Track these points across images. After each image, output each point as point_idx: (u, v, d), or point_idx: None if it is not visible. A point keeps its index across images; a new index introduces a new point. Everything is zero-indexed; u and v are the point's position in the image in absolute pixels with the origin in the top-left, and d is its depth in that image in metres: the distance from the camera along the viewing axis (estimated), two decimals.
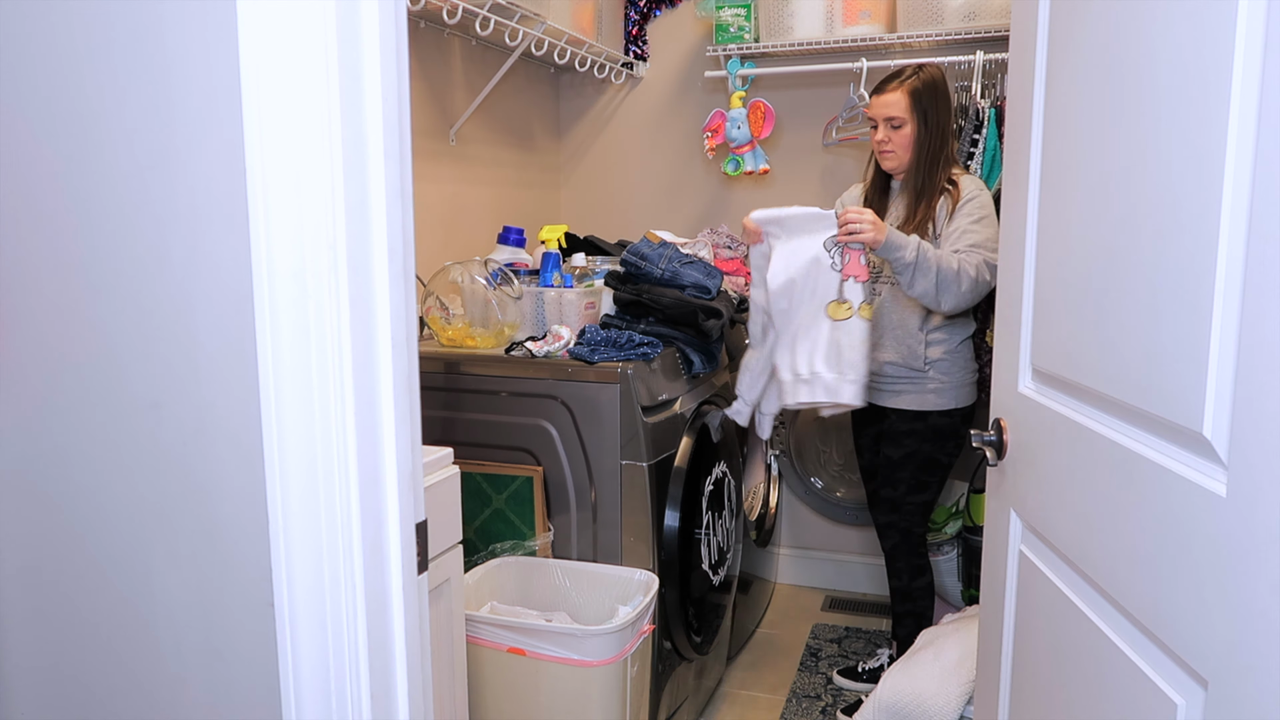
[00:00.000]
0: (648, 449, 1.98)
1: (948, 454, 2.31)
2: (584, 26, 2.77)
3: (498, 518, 2.07)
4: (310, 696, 0.96)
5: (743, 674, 2.63)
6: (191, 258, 0.93)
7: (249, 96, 0.87)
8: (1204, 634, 0.79)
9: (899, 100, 2.21)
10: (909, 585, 2.38)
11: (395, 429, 0.97)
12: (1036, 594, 1.18)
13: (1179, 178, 0.83)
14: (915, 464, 2.29)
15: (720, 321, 2.20)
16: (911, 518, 2.35)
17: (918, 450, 2.29)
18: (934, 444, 2.29)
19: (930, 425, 2.27)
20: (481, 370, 2.08)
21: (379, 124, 0.91)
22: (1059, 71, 1.12)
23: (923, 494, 2.33)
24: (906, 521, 2.35)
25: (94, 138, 0.95)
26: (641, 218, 3.20)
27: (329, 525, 0.93)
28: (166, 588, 1.01)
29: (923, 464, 2.30)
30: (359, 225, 0.91)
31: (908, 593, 2.39)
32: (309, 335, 0.90)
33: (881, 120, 2.23)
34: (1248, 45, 0.74)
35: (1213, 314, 0.77)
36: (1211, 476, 0.79)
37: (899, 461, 2.31)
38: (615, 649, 1.72)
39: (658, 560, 2.03)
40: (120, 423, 0.99)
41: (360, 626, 0.95)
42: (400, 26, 0.94)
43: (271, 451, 0.92)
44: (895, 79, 2.23)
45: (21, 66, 0.96)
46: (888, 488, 2.34)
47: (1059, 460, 1.10)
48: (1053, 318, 1.13)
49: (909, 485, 2.31)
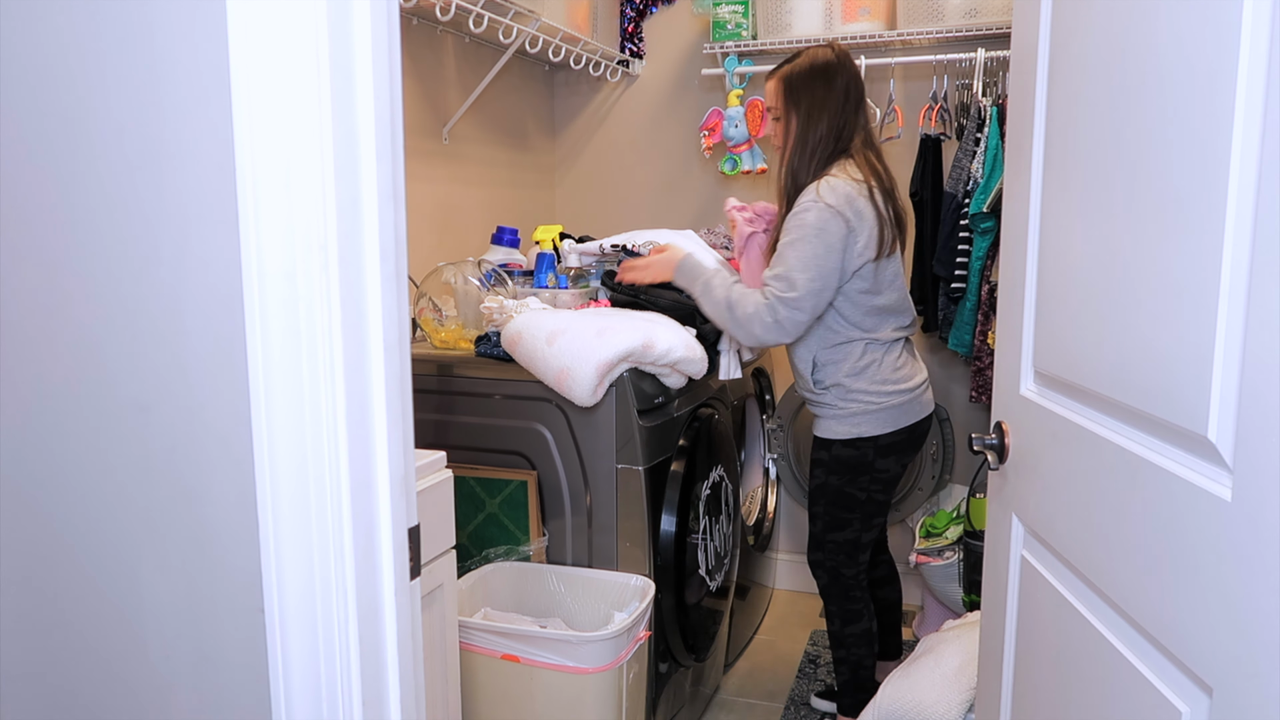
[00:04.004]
0: (643, 453, 1.96)
1: (862, 488, 2.07)
2: (579, 24, 2.76)
3: (491, 522, 2.05)
4: (301, 704, 0.95)
5: (740, 681, 2.61)
6: (180, 258, 0.92)
7: (239, 94, 0.86)
8: (1208, 640, 0.78)
9: (772, 88, 2.07)
10: (841, 631, 2.19)
11: (387, 432, 0.96)
12: (1039, 599, 1.17)
13: (1183, 176, 0.82)
14: (826, 499, 2.10)
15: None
16: (836, 557, 2.13)
17: (825, 483, 2.10)
18: (841, 476, 2.07)
19: (834, 456, 2.07)
20: (475, 373, 2.07)
21: (371, 122, 0.90)
22: (1061, 69, 1.11)
23: (843, 531, 2.11)
24: (833, 561, 2.14)
25: (81, 136, 0.94)
26: (637, 218, 3.18)
27: (320, 530, 0.92)
28: (155, 593, 1.00)
29: (834, 499, 2.09)
30: (350, 225, 0.90)
31: (840, 639, 2.19)
32: (299, 337, 0.89)
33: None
34: (1253, 42, 0.73)
35: (1217, 315, 0.76)
36: (1216, 480, 0.78)
37: (811, 494, 2.15)
38: (610, 656, 1.71)
39: (654, 566, 2.02)
40: (108, 426, 0.98)
41: (352, 633, 0.94)
42: (392, 23, 0.93)
43: (262, 455, 0.91)
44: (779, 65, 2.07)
45: (7, 64, 0.95)
46: (810, 522, 2.17)
47: (1061, 464, 1.09)
48: (1055, 320, 1.12)
49: (825, 522, 2.12)
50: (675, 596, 2.08)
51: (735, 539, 2.48)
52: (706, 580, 2.25)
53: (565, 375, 1.86)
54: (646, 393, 2.00)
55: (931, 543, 2.68)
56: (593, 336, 1.87)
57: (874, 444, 2.05)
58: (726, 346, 2.23)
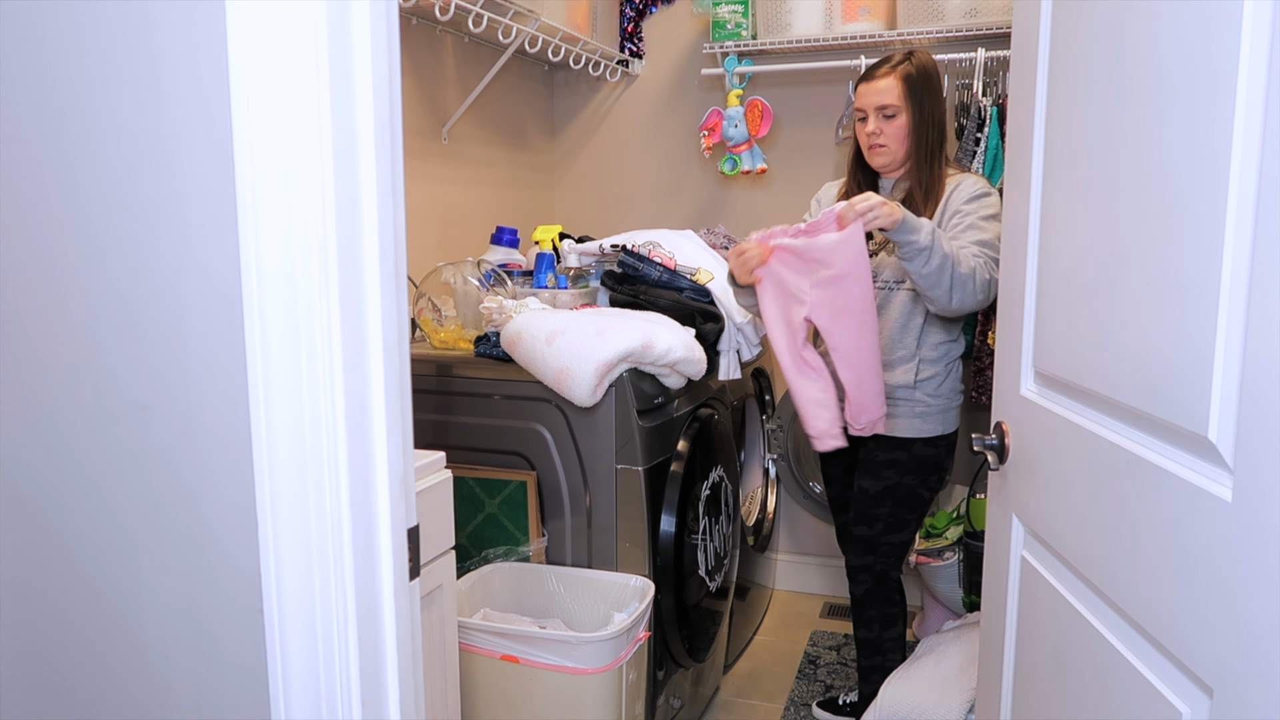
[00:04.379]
0: (643, 453, 1.96)
1: (930, 488, 2.06)
2: (578, 23, 2.75)
3: (491, 523, 2.05)
4: (300, 705, 0.95)
5: (740, 682, 2.61)
6: (179, 258, 0.92)
7: (238, 94, 0.86)
8: (1209, 641, 0.78)
9: (892, 86, 1.97)
10: (880, 636, 2.12)
11: (386, 432, 0.95)
12: (1039, 600, 1.17)
13: (1184, 177, 0.81)
14: (895, 499, 2.04)
15: (718, 325, 2.19)
16: (888, 560, 2.08)
17: (899, 484, 2.03)
18: (916, 476, 2.03)
19: (914, 455, 2.02)
20: (474, 373, 2.07)
21: (370, 122, 0.90)
22: (1062, 69, 1.11)
23: (900, 533, 2.08)
24: (883, 565, 2.08)
25: (80, 136, 0.93)
26: (637, 218, 3.18)
27: (319, 530, 0.91)
28: (154, 594, 0.99)
29: (903, 499, 2.04)
30: (350, 225, 0.90)
31: (878, 645, 2.13)
32: (299, 337, 0.88)
33: (872, 110, 1.99)
34: (1254, 42, 0.73)
35: (1218, 315, 0.76)
36: (1217, 481, 0.78)
37: (876, 496, 2.05)
38: (610, 656, 1.70)
39: (653, 566, 2.01)
40: (107, 426, 0.97)
41: (351, 633, 0.94)
42: (391, 23, 0.93)
43: (261, 455, 0.91)
44: (885, 63, 2.00)
45: (5, 63, 0.95)
46: (862, 525, 2.09)
47: (1061, 464, 1.09)
48: (1055, 320, 1.12)
49: (886, 524, 2.06)
50: (675, 597, 2.08)
51: (735, 539, 2.48)
52: (706, 581, 2.25)
53: (565, 375, 1.86)
54: (646, 393, 2.00)
55: (932, 543, 2.68)
56: (592, 337, 1.87)
57: (948, 441, 2.06)
58: (726, 347, 2.23)
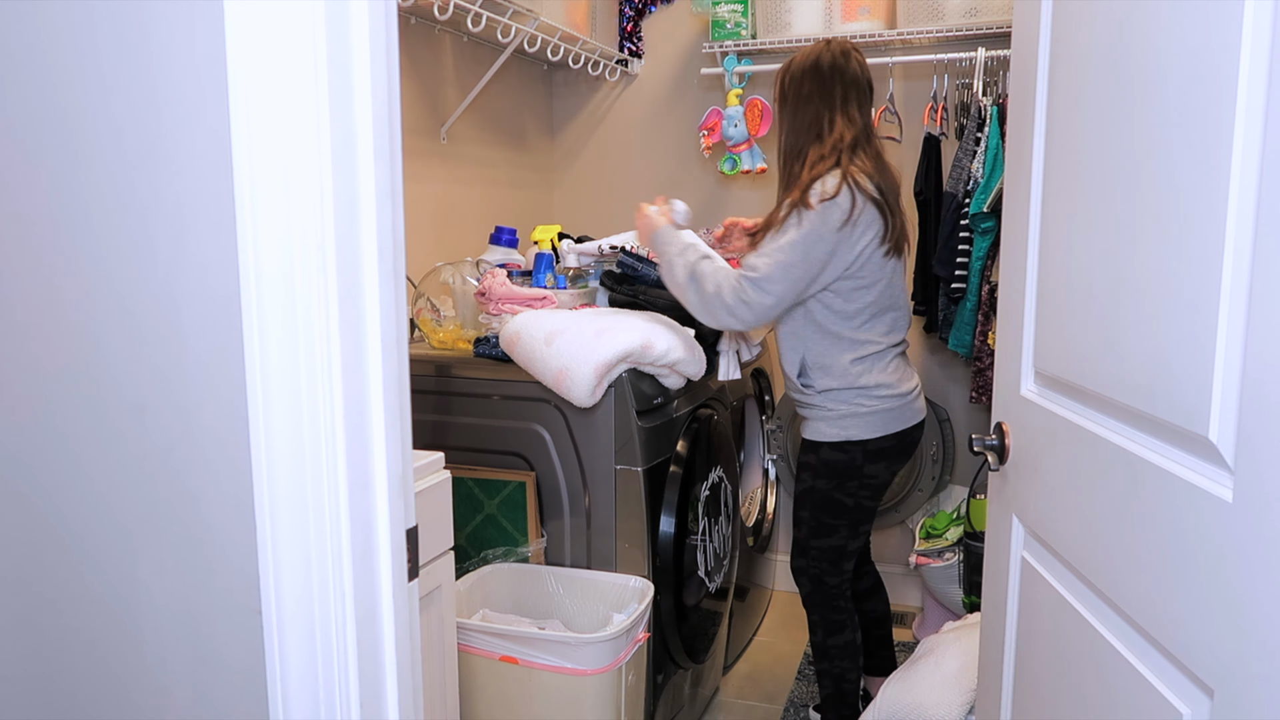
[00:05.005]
0: (642, 453, 1.96)
1: (851, 494, 2.02)
2: (578, 23, 2.75)
3: (490, 524, 2.05)
4: (299, 705, 0.94)
5: (739, 683, 2.61)
6: (178, 258, 0.92)
7: (236, 94, 0.86)
8: (1210, 642, 0.78)
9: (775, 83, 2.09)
10: (824, 642, 2.11)
11: (385, 433, 0.95)
12: (1039, 601, 1.17)
13: (1184, 176, 0.81)
14: (813, 503, 2.04)
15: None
16: (820, 564, 2.07)
17: (813, 487, 2.04)
18: (830, 481, 2.01)
19: (822, 459, 2.01)
20: (473, 373, 2.06)
21: (369, 122, 0.90)
22: (1062, 69, 1.11)
23: (827, 538, 2.05)
24: (816, 568, 2.08)
25: (78, 135, 0.93)
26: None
27: (317, 531, 0.91)
28: (152, 595, 0.99)
29: (821, 504, 2.03)
30: (348, 225, 0.90)
31: (824, 650, 2.12)
32: (297, 337, 0.88)
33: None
34: (1254, 41, 0.73)
35: (1219, 315, 0.76)
36: (1217, 481, 0.78)
37: (798, 498, 2.08)
38: (609, 657, 1.70)
39: (652, 567, 2.01)
40: (105, 426, 0.97)
41: (349, 634, 0.94)
42: (390, 23, 0.93)
43: (259, 456, 0.91)
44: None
45: (3, 63, 0.94)
46: (794, 526, 2.11)
47: (1062, 465, 1.09)
48: (1055, 320, 1.12)
49: (810, 528, 2.06)
50: (674, 598, 2.08)
51: (734, 540, 2.48)
52: (705, 582, 2.25)
53: (564, 376, 1.85)
54: (645, 393, 2.00)
55: (932, 544, 2.68)
56: (591, 337, 1.87)
57: (863, 448, 1.98)
58: (725, 347, 2.23)
